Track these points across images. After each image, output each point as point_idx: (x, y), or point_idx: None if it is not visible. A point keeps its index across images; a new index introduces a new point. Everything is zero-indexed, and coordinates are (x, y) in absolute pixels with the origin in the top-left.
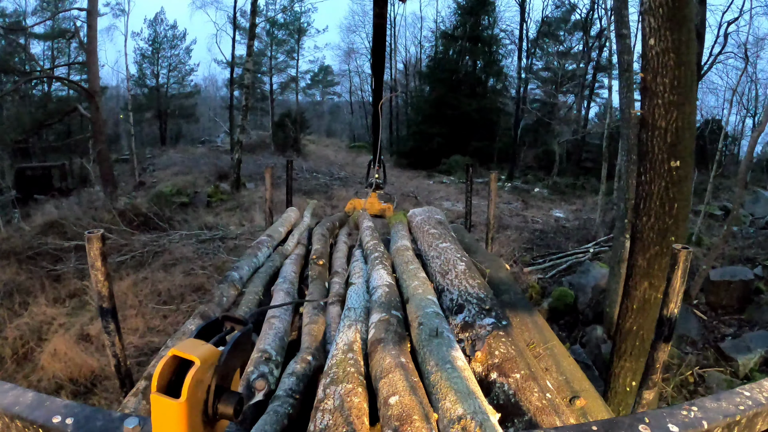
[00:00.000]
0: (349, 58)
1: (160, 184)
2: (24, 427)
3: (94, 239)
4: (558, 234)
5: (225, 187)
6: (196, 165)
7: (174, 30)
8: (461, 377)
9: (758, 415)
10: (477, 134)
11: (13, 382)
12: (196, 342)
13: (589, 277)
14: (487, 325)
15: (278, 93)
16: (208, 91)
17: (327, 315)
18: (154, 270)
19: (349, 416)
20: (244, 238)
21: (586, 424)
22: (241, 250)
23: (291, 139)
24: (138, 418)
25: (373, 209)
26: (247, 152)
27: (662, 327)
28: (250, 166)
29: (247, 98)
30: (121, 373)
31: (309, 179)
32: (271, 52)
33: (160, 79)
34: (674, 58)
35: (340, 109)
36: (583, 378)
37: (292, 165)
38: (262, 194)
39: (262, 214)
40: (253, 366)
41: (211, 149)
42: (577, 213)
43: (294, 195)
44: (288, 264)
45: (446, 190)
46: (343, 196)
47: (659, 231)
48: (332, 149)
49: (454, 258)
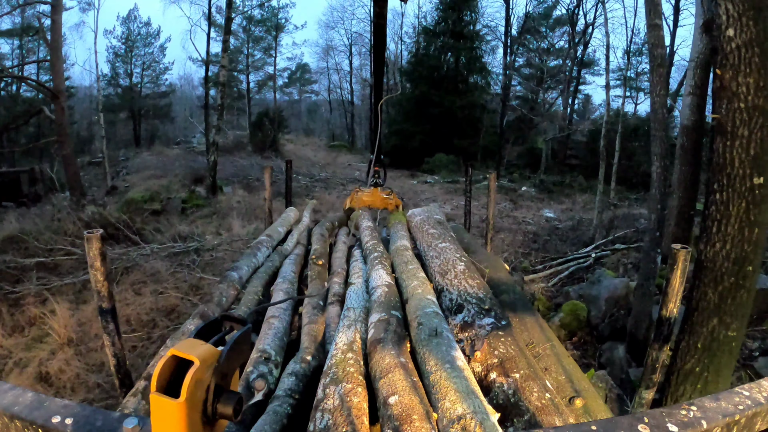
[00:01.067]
0: (327, 55)
1: (133, 189)
2: (23, 427)
3: (93, 239)
4: (553, 236)
5: (200, 191)
6: (170, 167)
7: (148, 27)
8: (461, 377)
9: (757, 414)
10: (460, 132)
11: None
12: (195, 342)
13: (600, 288)
14: (486, 324)
15: (255, 92)
16: (184, 91)
17: (326, 315)
18: (122, 290)
19: (349, 416)
20: (221, 249)
21: (585, 423)
22: (218, 264)
23: (269, 138)
24: (137, 418)
25: (377, 203)
26: (224, 153)
27: (662, 327)
28: (227, 168)
29: (222, 97)
30: (121, 373)
31: None
32: (247, 50)
33: (133, 79)
34: (759, 54)
35: (319, 108)
36: (582, 377)
37: (291, 165)
38: (240, 199)
39: (240, 221)
40: (252, 366)
41: (187, 150)
42: (567, 213)
43: (274, 199)
44: (287, 264)
45: (431, 190)
46: (326, 199)
47: (736, 260)
48: (311, 148)
49: (454, 258)
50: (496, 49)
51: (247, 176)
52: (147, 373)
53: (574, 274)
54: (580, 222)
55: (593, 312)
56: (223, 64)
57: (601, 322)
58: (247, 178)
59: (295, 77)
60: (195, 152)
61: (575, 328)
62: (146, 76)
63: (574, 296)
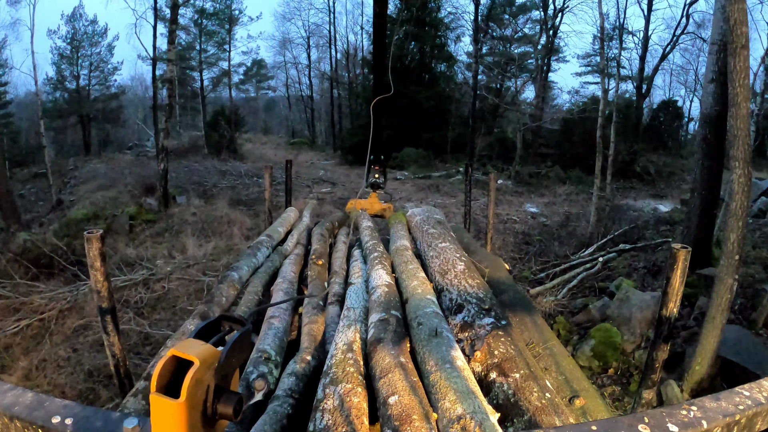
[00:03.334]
0: (284, 48)
1: (78, 204)
2: (23, 427)
3: (93, 239)
4: (544, 235)
5: (151, 203)
6: (121, 176)
7: (94, 26)
8: (461, 377)
9: (758, 414)
10: (429, 124)
11: None
12: (195, 342)
13: (631, 307)
14: (486, 324)
15: (210, 90)
16: (136, 92)
17: (326, 315)
18: (55, 344)
19: (349, 416)
20: (174, 279)
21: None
22: (171, 299)
23: (226, 139)
24: (137, 419)
25: (373, 209)
26: (179, 157)
27: (661, 327)
28: (181, 174)
29: (171, 95)
30: (120, 373)
31: (249, 185)
32: (200, 45)
33: (81, 81)
34: None
35: (276, 104)
36: (582, 377)
37: (291, 164)
38: (196, 210)
39: (196, 239)
40: (252, 366)
41: (140, 156)
42: (551, 207)
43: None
44: (287, 264)
45: (403, 188)
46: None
47: None
48: (271, 147)
49: (454, 258)
50: (461, 37)
51: (203, 183)
52: (147, 373)
53: (584, 282)
54: (569, 218)
55: (626, 336)
56: (171, 58)
57: (637, 348)
58: (203, 184)
59: (251, 73)
60: (148, 157)
61: (611, 358)
62: (94, 78)
63: (597, 315)
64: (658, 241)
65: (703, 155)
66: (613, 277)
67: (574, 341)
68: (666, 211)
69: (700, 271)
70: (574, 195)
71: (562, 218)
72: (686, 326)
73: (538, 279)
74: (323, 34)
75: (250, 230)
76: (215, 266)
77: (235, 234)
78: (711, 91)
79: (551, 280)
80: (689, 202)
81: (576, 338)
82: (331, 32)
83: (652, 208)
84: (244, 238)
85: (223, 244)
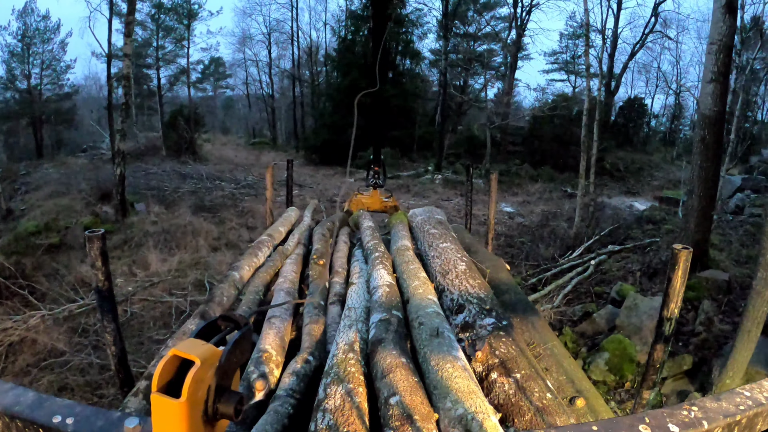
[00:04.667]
0: (243, 45)
1: (29, 213)
2: (24, 426)
3: (94, 239)
4: (526, 236)
5: (108, 211)
6: (75, 181)
7: (46, 21)
8: (462, 377)
9: (758, 415)
10: (396, 122)
11: None
12: (196, 342)
13: (641, 315)
14: (487, 325)
15: (167, 88)
16: (90, 91)
17: (327, 315)
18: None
19: (350, 416)
20: (137, 300)
21: (586, 423)
22: (136, 326)
23: (185, 140)
24: (138, 418)
25: (376, 205)
26: (136, 160)
27: (662, 327)
28: (138, 179)
29: (126, 94)
30: (121, 373)
31: (211, 189)
32: (157, 42)
33: (32, 80)
34: None
35: (235, 103)
36: (583, 378)
37: (292, 164)
38: (157, 219)
39: (159, 253)
40: (253, 366)
41: (94, 159)
42: (526, 206)
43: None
44: (288, 264)
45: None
46: (258, 210)
47: None
48: (231, 148)
49: (455, 258)
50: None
51: (162, 187)
52: (148, 373)
53: (579, 288)
54: (548, 217)
55: (638, 346)
56: (127, 52)
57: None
58: (163, 189)
59: (208, 72)
60: (103, 161)
61: (627, 372)
62: (46, 77)
63: (603, 325)
64: (647, 241)
65: (701, 156)
66: (608, 280)
67: (583, 353)
68: (644, 209)
69: (701, 273)
70: (547, 193)
71: (540, 218)
72: (695, 332)
73: (531, 285)
74: (284, 31)
75: (216, 240)
76: (182, 284)
77: (201, 245)
78: (710, 91)
79: (544, 285)
80: (686, 204)
81: (584, 350)
82: (293, 28)
83: (628, 206)
84: (211, 250)
85: (188, 258)
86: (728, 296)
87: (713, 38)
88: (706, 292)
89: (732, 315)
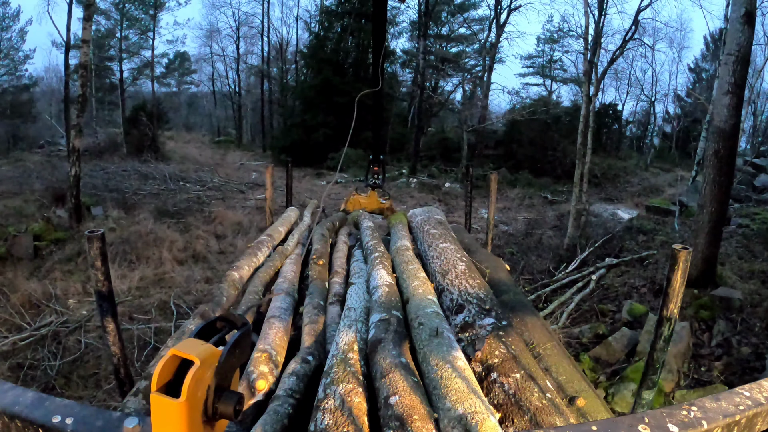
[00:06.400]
0: (211, 40)
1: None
2: (24, 426)
3: (94, 239)
4: (513, 246)
5: (62, 215)
6: (28, 181)
7: (5, 8)
8: (461, 377)
9: (758, 415)
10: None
11: None
12: (195, 342)
13: None
14: (487, 325)
15: (130, 82)
16: (51, 83)
17: (327, 315)
18: None
19: (350, 416)
20: (93, 327)
21: (585, 423)
22: (92, 363)
23: (148, 137)
24: (138, 418)
25: (372, 206)
26: (95, 158)
27: (661, 327)
28: (97, 178)
29: (84, 85)
30: (120, 373)
31: (175, 191)
32: (121, 32)
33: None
34: None
35: (200, 100)
36: (582, 378)
37: (291, 166)
38: (116, 225)
39: (117, 266)
40: (252, 366)
41: (51, 156)
42: (507, 213)
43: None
44: (288, 264)
45: (344, 191)
46: (227, 216)
47: None
48: (195, 146)
49: (454, 258)
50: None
51: (122, 189)
52: (147, 373)
53: (582, 306)
54: (533, 225)
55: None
56: (86, 38)
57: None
58: (123, 191)
59: (173, 66)
60: (60, 158)
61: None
62: (3, 67)
63: (619, 349)
64: (644, 254)
65: (715, 170)
66: (611, 297)
67: (604, 383)
68: (630, 217)
69: (715, 292)
70: (527, 199)
71: (524, 226)
72: (717, 356)
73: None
74: (254, 25)
75: (182, 251)
76: (144, 306)
77: (165, 258)
78: (726, 103)
79: (544, 302)
80: (696, 219)
81: (603, 378)
82: (264, 22)
83: (611, 214)
84: (176, 263)
85: (151, 273)
86: (740, 315)
87: (731, 49)
88: (721, 312)
89: (748, 335)
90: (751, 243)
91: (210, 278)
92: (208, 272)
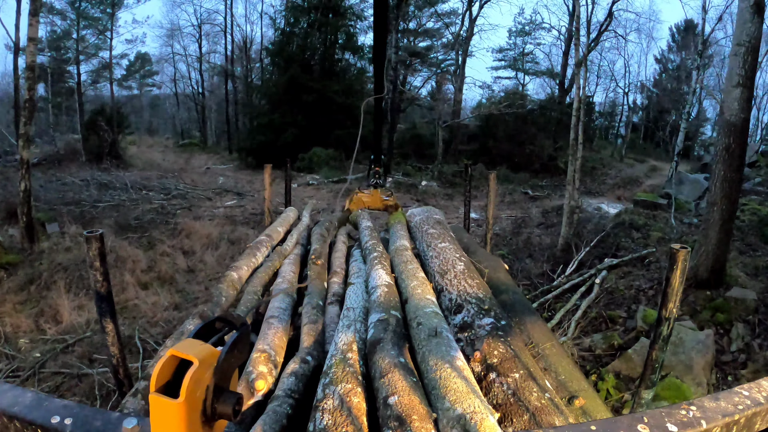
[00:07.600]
0: (172, 39)
1: None
2: (23, 427)
3: (93, 239)
4: (503, 247)
5: (14, 235)
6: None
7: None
8: (460, 377)
9: (757, 414)
10: (339, 121)
11: None
12: (194, 342)
13: (689, 351)
14: (486, 324)
15: (88, 86)
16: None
17: (326, 315)
18: None
19: (349, 416)
20: (48, 374)
21: (585, 423)
22: None
23: (107, 143)
24: (137, 419)
25: (376, 204)
26: (52, 167)
27: (660, 326)
28: (52, 191)
29: (31, 89)
30: (119, 374)
31: (137, 201)
32: (78, 33)
33: None
34: None
35: (162, 102)
36: (581, 378)
37: (290, 165)
38: (73, 244)
39: (73, 296)
40: (251, 366)
41: (6, 167)
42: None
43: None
44: (287, 264)
45: (319, 194)
46: (196, 229)
47: None
48: (158, 150)
49: (453, 258)
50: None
51: (80, 201)
52: (146, 373)
53: (588, 313)
54: (519, 224)
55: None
56: (32, 36)
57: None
58: (81, 204)
59: (134, 68)
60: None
61: None
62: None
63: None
64: (643, 252)
65: (726, 167)
66: (618, 301)
67: (630, 402)
68: (615, 212)
69: (729, 293)
70: (508, 195)
71: (510, 225)
72: (741, 363)
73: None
74: (217, 22)
75: (146, 272)
76: (105, 343)
77: (127, 282)
78: (737, 96)
79: (548, 310)
80: (706, 216)
81: (629, 396)
82: (227, 19)
83: (595, 208)
84: (139, 288)
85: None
86: (757, 316)
87: (740, 40)
88: (735, 314)
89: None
90: (747, 236)
91: (179, 304)
92: (177, 296)
